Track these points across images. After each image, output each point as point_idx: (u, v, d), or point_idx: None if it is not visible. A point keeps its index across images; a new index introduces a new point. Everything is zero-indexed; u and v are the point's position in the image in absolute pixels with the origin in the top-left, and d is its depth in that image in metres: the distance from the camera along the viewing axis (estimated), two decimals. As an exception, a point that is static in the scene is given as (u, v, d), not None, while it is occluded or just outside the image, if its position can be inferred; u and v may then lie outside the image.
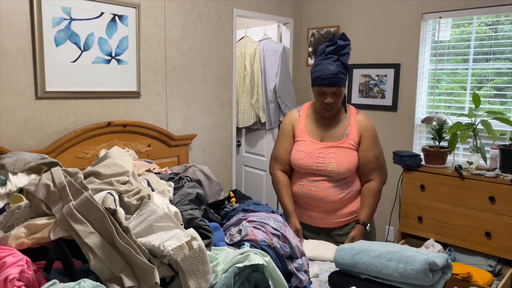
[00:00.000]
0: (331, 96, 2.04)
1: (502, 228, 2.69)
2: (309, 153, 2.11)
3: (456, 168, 2.88)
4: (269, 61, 3.94)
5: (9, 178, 1.80)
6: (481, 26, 3.20)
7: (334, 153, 2.08)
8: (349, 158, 2.08)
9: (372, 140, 2.13)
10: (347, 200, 2.15)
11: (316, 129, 2.17)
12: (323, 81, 2.00)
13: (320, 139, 2.14)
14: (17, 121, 2.44)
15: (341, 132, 2.13)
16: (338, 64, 1.99)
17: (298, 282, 1.62)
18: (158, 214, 1.34)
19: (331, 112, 2.11)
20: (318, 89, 2.04)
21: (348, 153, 2.09)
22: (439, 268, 1.50)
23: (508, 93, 3.09)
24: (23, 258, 1.16)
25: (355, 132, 2.11)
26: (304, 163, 2.12)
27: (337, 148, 2.09)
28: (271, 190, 4.31)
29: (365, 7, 3.69)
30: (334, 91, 2.02)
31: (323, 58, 2.02)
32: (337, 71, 1.98)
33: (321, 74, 1.99)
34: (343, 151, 2.09)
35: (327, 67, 1.99)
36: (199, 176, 2.07)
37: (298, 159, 2.14)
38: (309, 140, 2.15)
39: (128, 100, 2.94)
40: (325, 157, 2.08)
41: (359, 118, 2.16)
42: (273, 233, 1.65)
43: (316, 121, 2.18)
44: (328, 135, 2.14)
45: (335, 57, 1.99)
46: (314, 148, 2.12)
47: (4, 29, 2.34)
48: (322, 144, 2.12)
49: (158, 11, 3.02)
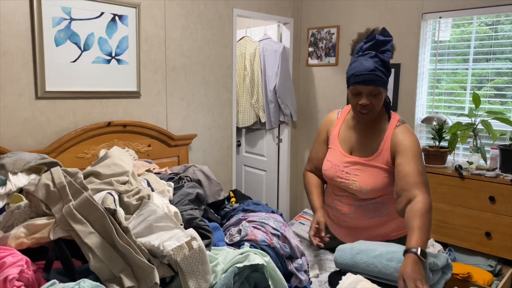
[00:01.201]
0: (367, 97, 1.75)
1: (502, 228, 2.69)
2: (335, 164, 1.90)
3: (456, 168, 2.88)
4: (269, 61, 3.94)
5: (9, 178, 1.80)
6: (481, 26, 3.20)
7: (359, 170, 1.83)
8: (376, 179, 1.80)
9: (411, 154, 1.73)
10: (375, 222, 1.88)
11: (349, 138, 1.91)
12: (357, 79, 1.74)
13: (350, 151, 1.89)
14: (17, 121, 2.44)
15: (374, 146, 1.84)
16: (376, 60, 1.75)
17: (298, 282, 1.62)
18: (158, 214, 1.34)
19: (368, 116, 1.81)
20: (353, 88, 1.78)
21: (376, 173, 1.81)
22: (439, 268, 1.50)
23: (508, 93, 3.09)
24: (22, 258, 1.16)
25: (387, 149, 1.81)
26: (329, 174, 1.92)
27: (364, 166, 1.83)
28: (271, 190, 4.31)
29: (365, 7, 3.69)
30: (370, 90, 1.74)
31: (359, 55, 1.80)
32: (374, 67, 1.73)
33: (356, 71, 1.75)
34: (370, 169, 1.82)
35: (362, 63, 1.75)
36: (199, 176, 2.07)
37: (325, 169, 1.95)
38: (339, 150, 1.92)
39: (128, 100, 2.94)
40: (350, 173, 1.85)
41: (396, 131, 1.81)
42: (273, 233, 1.65)
43: (351, 129, 1.93)
44: (359, 147, 1.87)
45: (373, 53, 1.76)
46: (341, 160, 1.89)
47: (4, 29, 2.34)
48: (350, 158, 1.87)
49: (158, 11, 3.02)
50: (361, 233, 1.91)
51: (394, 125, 1.83)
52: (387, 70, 1.77)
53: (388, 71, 1.78)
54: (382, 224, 1.89)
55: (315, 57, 4.10)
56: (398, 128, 1.82)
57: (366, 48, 1.77)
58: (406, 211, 1.63)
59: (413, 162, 1.70)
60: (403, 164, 1.71)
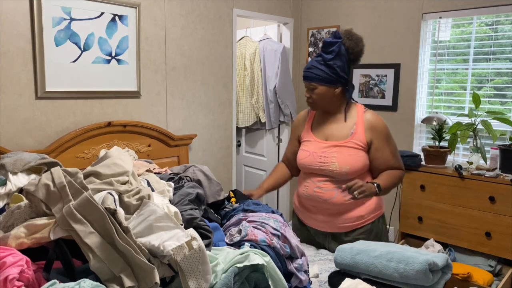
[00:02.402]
0: (307, 91, 2.06)
1: (502, 228, 2.69)
2: (312, 152, 2.08)
3: (456, 168, 2.88)
4: (269, 61, 3.94)
5: (9, 178, 1.80)
6: (481, 26, 3.20)
7: (337, 152, 2.01)
8: (353, 158, 1.99)
9: (384, 138, 2.04)
10: (354, 204, 2.03)
11: (322, 128, 2.12)
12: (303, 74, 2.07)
13: (325, 139, 2.09)
14: (17, 121, 2.44)
15: (346, 131, 2.05)
16: (318, 59, 2.00)
17: (298, 282, 1.62)
18: (158, 214, 1.33)
19: (313, 107, 2.12)
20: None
21: (353, 153, 2.00)
22: (439, 268, 1.50)
23: (508, 93, 3.09)
24: (23, 258, 1.16)
25: (361, 132, 2.03)
26: (307, 162, 2.08)
27: (340, 147, 2.02)
28: (271, 190, 4.31)
29: (365, 7, 3.70)
30: (307, 85, 2.05)
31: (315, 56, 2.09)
32: (311, 65, 2.01)
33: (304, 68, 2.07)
34: (347, 150, 2.01)
35: (309, 62, 2.05)
36: (199, 176, 2.07)
37: (301, 158, 2.12)
38: (314, 139, 2.11)
39: (128, 100, 2.94)
40: (328, 156, 2.02)
41: (367, 116, 2.05)
42: (273, 233, 1.65)
43: (322, 120, 2.15)
44: (333, 134, 2.07)
45: (318, 53, 2.03)
46: (318, 147, 2.07)
47: (4, 29, 2.34)
48: (326, 143, 2.06)
49: (158, 11, 3.02)
50: (340, 218, 2.05)
51: (362, 111, 2.08)
52: (329, 68, 1.97)
53: (330, 69, 1.97)
54: (359, 206, 2.05)
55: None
56: (367, 113, 2.07)
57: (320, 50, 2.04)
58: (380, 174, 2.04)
59: (388, 145, 2.04)
60: (381, 149, 2.03)
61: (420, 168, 3.06)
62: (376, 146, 2.02)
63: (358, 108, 2.10)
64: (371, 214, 2.08)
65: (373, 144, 2.03)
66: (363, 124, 2.03)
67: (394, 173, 2.04)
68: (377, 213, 2.11)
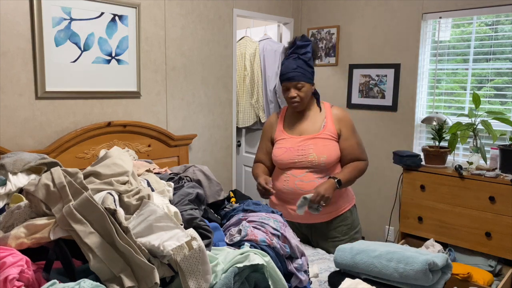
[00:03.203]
0: (294, 90, 2.16)
1: (502, 228, 2.69)
2: (289, 148, 2.21)
3: (456, 168, 2.88)
4: (269, 61, 3.94)
5: (9, 178, 1.80)
6: (481, 26, 3.20)
7: (313, 144, 2.17)
8: (329, 148, 2.16)
9: (351, 129, 2.24)
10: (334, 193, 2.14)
11: (294, 126, 2.27)
12: (284, 77, 2.17)
13: (299, 134, 2.23)
14: (17, 121, 2.44)
15: (318, 125, 2.22)
16: (298, 61, 2.15)
17: (298, 282, 1.62)
18: (158, 214, 1.33)
19: (299, 106, 2.21)
20: (283, 85, 2.20)
21: (327, 143, 2.17)
22: (439, 268, 1.50)
23: (508, 93, 3.09)
24: (23, 258, 1.16)
25: (331, 124, 2.21)
26: (285, 157, 2.20)
27: (315, 139, 2.18)
28: (271, 190, 4.31)
29: (365, 7, 3.69)
30: (294, 85, 2.15)
31: (285, 58, 2.22)
32: (295, 66, 2.14)
33: (282, 72, 2.19)
34: (322, 141, 2.17)
35: (286, 65, 2.17)
36: (199, 176, 2.07)
37: (278, 155, 2.23)
38: (289, 136, 2.25)
39: (128, 100, 2.94)
40: (305, 148, 2.17)
41: (334, 111, 2.26)
42: (273, 233, 1.65)
43: (293, 119, 2.29)
44: (306, 129, 2.23)
45: (295, 55, 2.17)
46: (293, 142, 2.21)
47: (4, 29, 2.34)
48: (301, 138, 2.21)
49: (158, 11, 3.02)
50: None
51: (329, 106, 2.29)
52: (309, 67, 2.18)
53: (310, 68, 2.19)
54: (338, 196, 2.20)
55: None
56: (334, 108, 2.28)
57: (290, 52, 2.20)
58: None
59: (354, 137, 2.24)
60: (349, 139, 2.22)
61: (420, 168, 3.06)
62: (344, 136, 2.22)
63: (325, 104, 2.32)
64: (346, 203, 2.26)
65: (342, 135, 2.22)
66: (332, 117, 2.24)
67: (357, 165, 2.21)
68: (351, 203, 2.30)
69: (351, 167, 2.20)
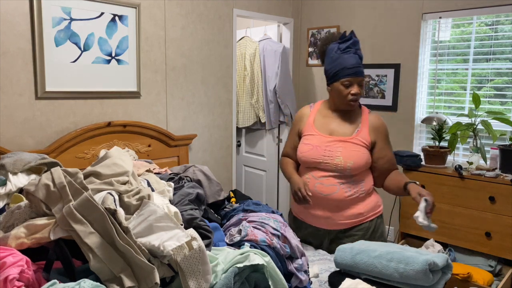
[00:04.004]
0: (357, 87, 2.03)
1: (502, 228, 2.69)
2: (315, 146, 2.07)
3: (456, 168, 2.88)
4: (269, 61, 3.94)
5: (9, 178, 1.80)
6: (481, 26, 3.20)
7: (342, 147, 2.03)
8: (358, 154, 2.02)
9: (386, 138, 2.13)
10: (354, 200, 2.03)
11: (326, 124, 2.13)
12: (349, 71, 2.01)
13: (329, 133, 2.10)
14: (17, 121, 2.44)
15: (351, 128, 2.09)
16: (356, 57, 2.04)
17: (298, 282, 1.62)
18: (158, 214, 1.34)
19: (356, 104, 2.09)
20: (345, 80, 2.02)
21: (357, 149, 2.03)
22: (439, 268, 1.50)
23: (508, 93, 3.09)
24: (23, 258, 1.16)
25: (366, 131, 2.08)
26: (310, 155, 2.06)
27: (346, 143, 2.04)
28: (271, 190, 4.31)
29: (365, 7, 3.70)
30: (359, 81, 2.04)
31: (340, 52, 2.04)
32: (359, 62, 2.04)
33: (346, 66, 2.01)
34: (352, 146, 2.03)
35: (349, 59, 2.02)
36: (199, 176, 2.07)
37: (304, 152, 2.09)
38: (317, 133, 2.10)
39: (128, 100, 2.94)
40: (332, 150, 2.03)
41: (371, 117, 2.12)
42: (273, 233, 1.65)
43: (326, 117, 2.15)
44: (338, 130, 2.09)
45: (354, 50, 2.04)
46: (322, 141, 2.07)
47: (4, 29, 2.34)
48: (330, 138, 2.07)
49: (158, 11, 3.02)
50: (339, 214, 2.05)
51: (367, 112, 2.16)
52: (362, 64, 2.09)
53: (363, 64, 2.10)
54: (359, 202, 2.06)
55: (315, 57, 4.10)
56: (371, 115, 2.14)
57: (346, 47, 2.04)
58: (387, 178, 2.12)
59: (390, 147, 2.14)
60: (385, 148, 2.11)
61: (420, 168, 3.06)
62: (380, 146, 2.09)
63: (363, 109, 2.17)
64: (371, 212, 2.09)
65: (377, 144, 2.08)
66: (368, 124, 2.09)
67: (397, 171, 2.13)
68: (377, 212, 2.13)
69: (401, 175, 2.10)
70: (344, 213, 2.04)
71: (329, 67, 2.08)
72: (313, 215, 2.10)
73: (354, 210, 2.05)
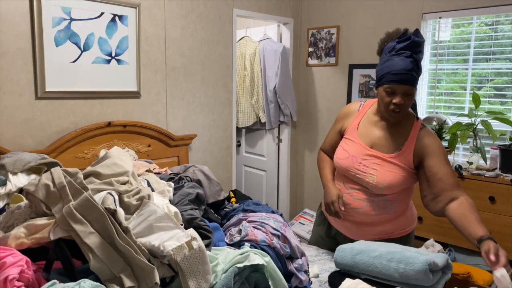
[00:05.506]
0: (401, 96, 1.74)
1: (502, 228, 2.69)
2: (352, 155, 1.87)
3: (456, 168, 2.88)
4: (269, 61, 3.94)
5: (9, 178, 1.80)
6: (481, 26, 3.20)
7: (379, 165, 1.81)
8: (394, 176, 1.79)
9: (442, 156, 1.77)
10: (382, 219, 1.88)
11: (369, 132, 1.89)
12: (394, 77, 1.73)
13: (370, 145, 1.87)
14: (17, 121, 2.44)
15: (396, 145, 1.83)
16: (411, 60, 1.72)
17: (298, 282, 1.62)
18: (158, 214, 1.34)
19: (399, 115, 1.79)
20: (387, 87, 1.75)
21: (395, 170, 1.80)
22: (439, 269, 1.50)
23: (508, 93, 3.09)
24: (23, 258, 1.16)
25: (410, 151, 1.80)
26: (344, 164, 1.89)
27: (384, 161, 1.81)
28: (271, 190, 4.32)
29: (365, 7, 3.69)
30: (405, 90, 1.73)
31: (393, 54, 1.78)
32: (411, 67, 1.71)
33: (393, 70, 1.74)
34: (390, 166, 1.81)
35: (398, 63, 1.73)
36: (199, 176, 2.07)
37: (339, 158, 1.92)
38: (358, 141, 1.89)
39: (128, 100, 2.94)
40: (368, 166, 1.82)
41: (421, 134, 1.82)
42: (273, 233, 1.65)
43: (372, 124, 1.90)
44: (379, 143, 1.85)
45: (408, 53, 1.74)
46: (360, 152, 1.86)
47: (4, 29, 2.34)
48: (370, 151, 1.85)
49: (158, 11, 3.02)
50: (365, 229, 1.92)
51: (419, 128, 1.84)
52: (419, 71, 1.76)
53: (420, 72, 1.77)
54: (388, 222, 1.90)
55: (315, 57, 4.10)
56: (422, 131, 1.83)
57: (401, 48, 1.76)
58: (453, 208, 1.72)
59: (446, 165, 1.76)
60: (437, 166, 1.75)
61: (420, 168, 3.05)
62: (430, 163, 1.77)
63: (415, 123, 1.85)
64: (400, 230, 1.94)
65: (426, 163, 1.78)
66: (415, 143, 1.81)
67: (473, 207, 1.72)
68: (407, 229, 1.96)
69: (476, 214, 1.68)
70: (368, 228, 1.92)
71: (378, 69, 1.85)
72: (338, 221, 2.01)
73: (380, 228, 1.91)
